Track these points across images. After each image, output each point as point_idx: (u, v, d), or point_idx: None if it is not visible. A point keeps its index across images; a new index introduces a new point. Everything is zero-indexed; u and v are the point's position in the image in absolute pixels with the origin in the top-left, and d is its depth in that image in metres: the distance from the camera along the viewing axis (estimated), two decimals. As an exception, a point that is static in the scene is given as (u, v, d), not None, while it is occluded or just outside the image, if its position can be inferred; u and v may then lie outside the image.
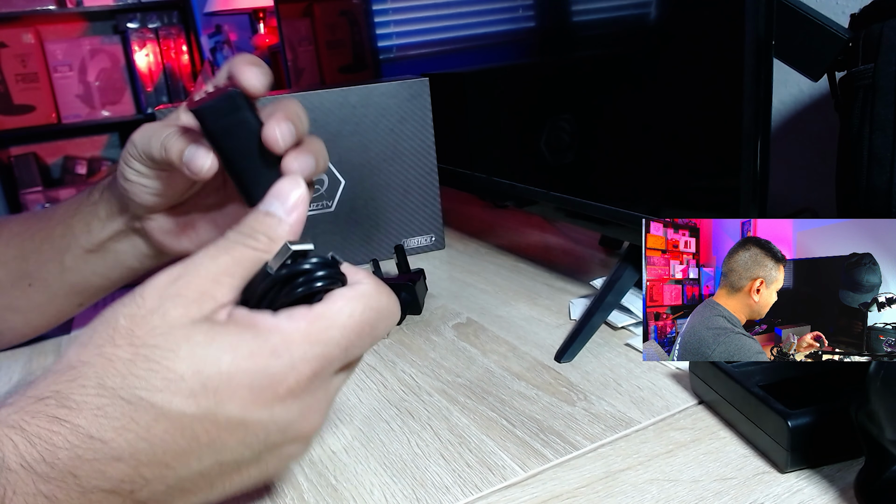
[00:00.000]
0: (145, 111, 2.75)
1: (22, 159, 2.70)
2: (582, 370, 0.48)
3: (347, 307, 0.29)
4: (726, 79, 0.43)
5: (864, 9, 0.48)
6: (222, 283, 0.29)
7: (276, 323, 0.29)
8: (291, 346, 0.28)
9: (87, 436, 0.26)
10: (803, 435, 0.34)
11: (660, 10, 0.49)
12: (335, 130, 0.71)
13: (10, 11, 2.50)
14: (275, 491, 0.38)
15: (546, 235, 0.80)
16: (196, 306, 0.28)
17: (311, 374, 0.29)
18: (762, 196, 0.43)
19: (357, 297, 0.30)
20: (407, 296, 0.58)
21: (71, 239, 0.50)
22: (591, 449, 0.39)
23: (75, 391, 0.27)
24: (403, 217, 0.76)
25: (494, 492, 0.36)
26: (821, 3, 0.67)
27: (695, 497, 0.34)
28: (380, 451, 0.40)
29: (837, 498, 0.34)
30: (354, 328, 0.29)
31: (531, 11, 0.63)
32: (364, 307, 0.30)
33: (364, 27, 0.96)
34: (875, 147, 0.47)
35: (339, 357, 0.29)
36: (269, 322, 0.29)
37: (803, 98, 0.72)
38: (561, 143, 0.61)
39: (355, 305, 0.30)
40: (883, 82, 0.46)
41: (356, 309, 0.29)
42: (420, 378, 0.49)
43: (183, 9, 2.78)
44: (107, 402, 0.26)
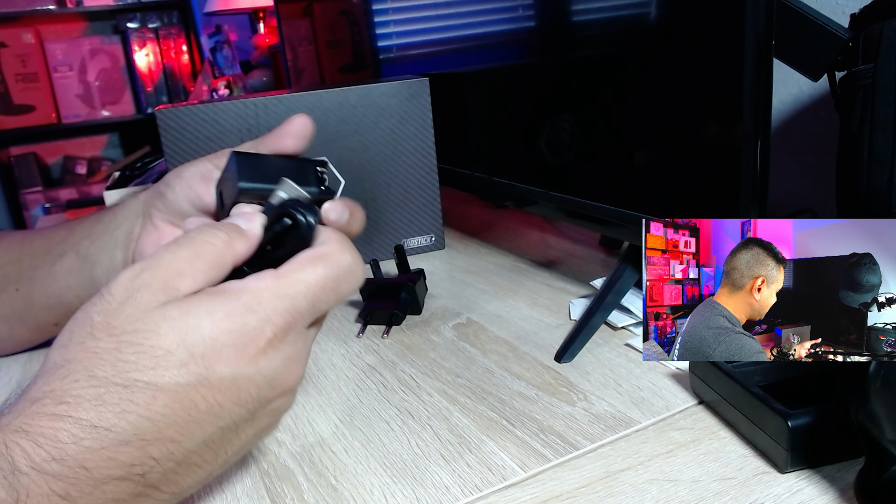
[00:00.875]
0: (145, 111, 2.75)
1: (22, 159, 2.70)
2: (582, 370, 0.48)
3: (310, 265, 0.32)
4: (726, 79, 0.43)
5: (864, 9, 0.48)
6: (185, 275, 0.30)
7: (244, 285, 0.30)
8: (263, 301, 0.30)
9: (91, 426, 0.26)
10: (803, 435, 0.34)
11: (660, 10, 0.49)
12: (335, 130, 0.71)
13: (10, 11, 2.50)
14: (275, 491, 0.38)
15: (546, 235, 0.80)
16: (163, 293, 0.29)
17: (286, 325, 0.30)
18: (762, 196, 0.43)
19: (320, 258, 0.32)
20: (407, 296, 0.58)
21: (68, 246, 0.49)
22: (591, 449, 0.39)
23: (69, 387, 0.27)
24: (403, 217, 0.76)
25: (494, 492, 0.36)
26: (821, 3, 0.67)
27: (695, 497, 0.34)
28: (380, 451, 0.40)
29: (837, 498, 0.34)
30: (318, 283, 0.31)
31: (531, 11, 0.63)
32: (326, 265, 0.32)
33: (364, 27, 0.96)
34: (875, 147, 0.47)
35: (307, 310, 0.31)
36: (237, 285, 0.31)
37: (803, 98, 0.72)
38: (561, 142, 0.61)
39: (318, 264, 0.32)
40: (883, 82, 0.46)
41: (318, 267, 0.32)
42: (420, 378, 0.49)
43: (183, 9, 2.78)
44: (103, 391, 0.27)
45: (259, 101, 0.68)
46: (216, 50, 2.55)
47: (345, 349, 0.55)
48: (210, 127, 0.67)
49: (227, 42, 2.55)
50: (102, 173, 2.72)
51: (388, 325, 0.57)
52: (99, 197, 1.19)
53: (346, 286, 0.33)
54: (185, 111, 0.66)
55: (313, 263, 0.32)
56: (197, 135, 0.67)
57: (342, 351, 0.54)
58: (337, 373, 0.51)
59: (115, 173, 1.12)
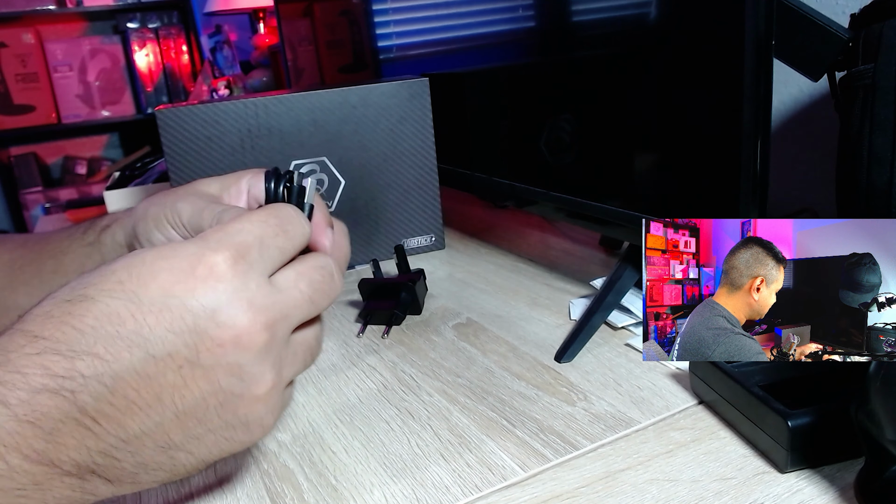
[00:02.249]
0: (145, 111, 2.75)
1: (22, 159, 2.70)
2: (582, 370, 0.48)
3: (254, 212, 0.33)
4: (726, 78, 0.43)
5: (864, 9, 0.48)
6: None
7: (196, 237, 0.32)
8: (206, 236, 0.31)
9: (33, 336, 0.28)
10: (803, 435, 0.34)
11: (660, 10, 0.49)
12: (335, 130, 0.71)
13: (10, 11, 2.50)
14: (275, 491, 0.38)
15: (546, 235, 0.81)
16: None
17: (230, 258, 0.30)
18: (762, 196, 0.43)
19: (262, 209, 0.34)
20: (407, 296, 0.58)
21: (62, 277, 0.48)
22: (591, 449, 0.39)
23: (34, 309, 0.29)
24: (403, 217, 0.76)
25: (494, 492, 0.36)
26: (821, 3, 0.67)
27: (695, 497, 0.34)
28: (380, 451, 0.40)
29: (837, 498, 0.34)
30: (261, 223, 0.32)
31: (531, 11, 0.63)
32: (269, 210, 0.34)
33: (364, 27, 0.96)
34: (875, 147, 0.47)
35: (253, 245, 0.31)
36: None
37: (803, 98, 0.72)
38: (561, 142, 0.61)
39: (260, 210, 0.33)
40: (883, 82, 0.46)
41: (261, 212, 0.33)
42: (420, 378, 0.49)
43: (183, 9, 2.78)
44: (53, 307, 0.29)
45: (259, 101, 0.68)
46: (216, 50, 2.55)
47: (345, 349, 0.55)
48: (210, 127, 0.67)
49: (227, 42, 2.55)
50: (102, 173, 2.72)
51: (388, 325, 0.57)
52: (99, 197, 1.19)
53: (293, 229, 0.34)
54: (185, 111, 0.66)
55: (256, 211, 0.33)
56: (197, 135, 0.67)
57: (342, 351, 0.54)
58: (337, 373, 0.51)
59: (115, 173, 1.12)
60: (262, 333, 0.30)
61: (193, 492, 0.38)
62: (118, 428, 0.28)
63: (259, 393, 0.31)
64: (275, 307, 0.31)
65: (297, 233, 0.34)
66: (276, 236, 0.32)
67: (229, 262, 0.30)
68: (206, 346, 0.29)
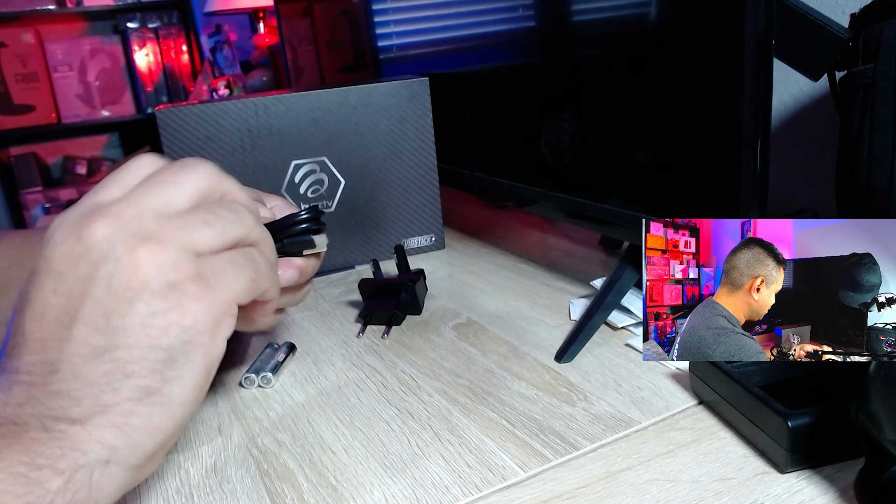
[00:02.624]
0: (145, 111, 2.75)
1: (22, 159, 2.70)
2: (582, 370, 0.48)
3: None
4: (726, 79, 0.43)
5: (864, 9, 0.48)
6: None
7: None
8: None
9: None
10: (803, 435, 0.34)
11: (660, 10, 0.49)
12: (335, 130, 0.71)
13: (10, 11, 2.50)
14: (275, 491, 0.38)
15: (546, 235, 0.81)
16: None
17: (114, 175, 0.33)
18: (762, 196, 0.43)
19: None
20: (407, 296, 0.58)
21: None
22: (591, 449, 0.39)
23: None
24: (403, 217, 0.76)
25: (494, 492, 0.36)
26: (821, 3, 0.67)
27: (695, 497, 0.34)
28: (380, 451, 0.40)
29: (837, 498, 0.34)
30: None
31: (531, 11, 0.63)
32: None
33: (364, 27, 0.96)
34: (875, 147, 0.47)
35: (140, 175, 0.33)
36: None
37: (803, 98, 0.72)
38: (561, 142, 0.61)
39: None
40: (883, 82, 0.46)
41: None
42: (420, 378, 0.49)
43: (183, 8, 2.78)
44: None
45: (259, 101, 0.68)
46: (216, 50, 2.55)
47: (345, 349, 0.55)
48: (210, 127, 0.67)
49: (227, 42, 2.55)
50: (102, 173, 2.72)
51: (388, 325, 0.57)
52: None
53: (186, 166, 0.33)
54: (185, 111, 0.66)
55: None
56: (197, 135, 0.67)
57: (342, 351, 0.54)
58: (337, 373, 0.51)
59: (115, 173, 1.11)
60: (98, 223, 0.30)
61: (193, 492, 0.38)
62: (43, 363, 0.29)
63: (137, 265, 0.29)
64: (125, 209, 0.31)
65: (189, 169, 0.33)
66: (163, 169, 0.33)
67: (112, 177, 0.32)
68: (73, 214, 0.31)
